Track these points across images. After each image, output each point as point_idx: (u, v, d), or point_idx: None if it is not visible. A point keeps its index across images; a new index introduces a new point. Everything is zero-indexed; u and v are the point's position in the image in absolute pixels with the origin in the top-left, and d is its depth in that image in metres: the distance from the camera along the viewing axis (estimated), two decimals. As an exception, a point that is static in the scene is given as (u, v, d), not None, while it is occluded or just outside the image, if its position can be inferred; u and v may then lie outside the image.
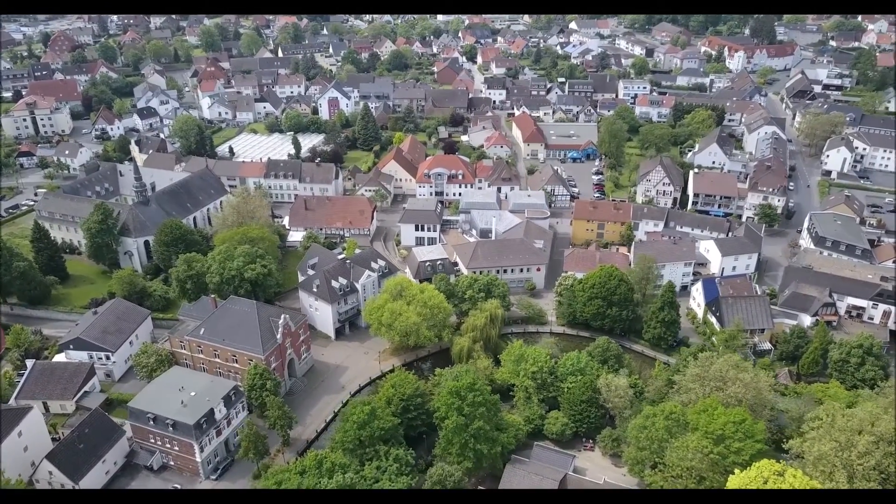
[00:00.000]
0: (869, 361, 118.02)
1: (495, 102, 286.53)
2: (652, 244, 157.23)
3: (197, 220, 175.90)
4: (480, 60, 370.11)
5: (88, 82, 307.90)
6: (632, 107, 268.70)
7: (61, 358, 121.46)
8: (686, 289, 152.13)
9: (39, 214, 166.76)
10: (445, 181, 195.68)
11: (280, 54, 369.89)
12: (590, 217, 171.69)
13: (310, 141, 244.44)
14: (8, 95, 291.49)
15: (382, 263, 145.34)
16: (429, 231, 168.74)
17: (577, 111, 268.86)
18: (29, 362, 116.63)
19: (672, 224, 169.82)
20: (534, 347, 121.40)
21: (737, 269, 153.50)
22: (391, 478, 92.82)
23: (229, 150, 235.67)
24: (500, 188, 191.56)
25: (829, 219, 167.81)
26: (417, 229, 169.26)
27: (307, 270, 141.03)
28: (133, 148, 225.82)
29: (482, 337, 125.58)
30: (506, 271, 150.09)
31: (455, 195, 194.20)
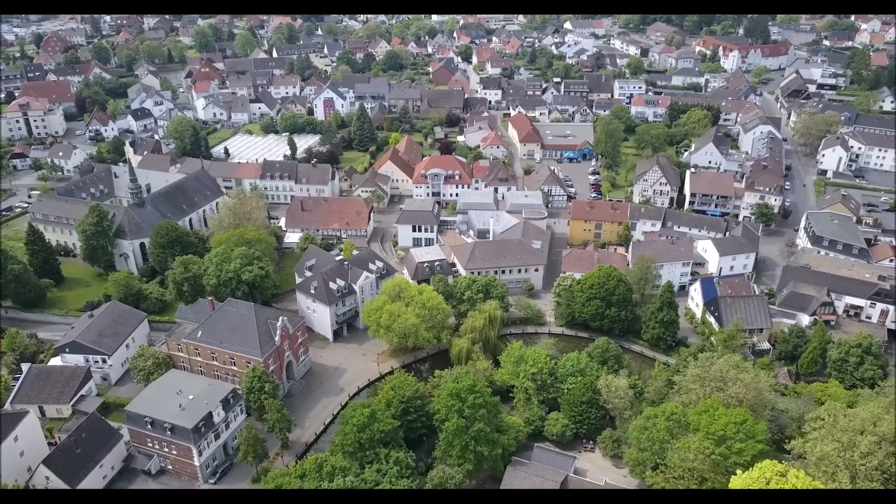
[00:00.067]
0: (868, 361, 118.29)
1: (491, 102, 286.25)
2: (650, 244, 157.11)
3: (193, 222, 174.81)
4: (476, 60, 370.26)
5: (82, 83, 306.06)
6: (627, 106, 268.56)
7: (57, 361, 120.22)
8: (684, 289, 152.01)
9: (34, 217, 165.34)
10: (442, 182, 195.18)
11: (275, 55, 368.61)
12: (587, 217, 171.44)
13: (305, 142, 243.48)
14: (0, 97, 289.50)
15: (380, 265, 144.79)
16: (426, 232, 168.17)
17: (573, 111, 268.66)
18: (24, 366, 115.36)
19: (669, 224, 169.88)
20: (533, 348, 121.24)
21: (734, 269, 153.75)
22: (391, 481, 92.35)
23: (224, 152, 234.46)
24: (497, 188, 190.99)
25: (826, 218, 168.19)
26: (415, 230, 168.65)
27: (305, 272, 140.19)
28: (128, 149, 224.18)
29: (481, 338, 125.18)
30: (504, 272, 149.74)
31: (452, 196, 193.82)
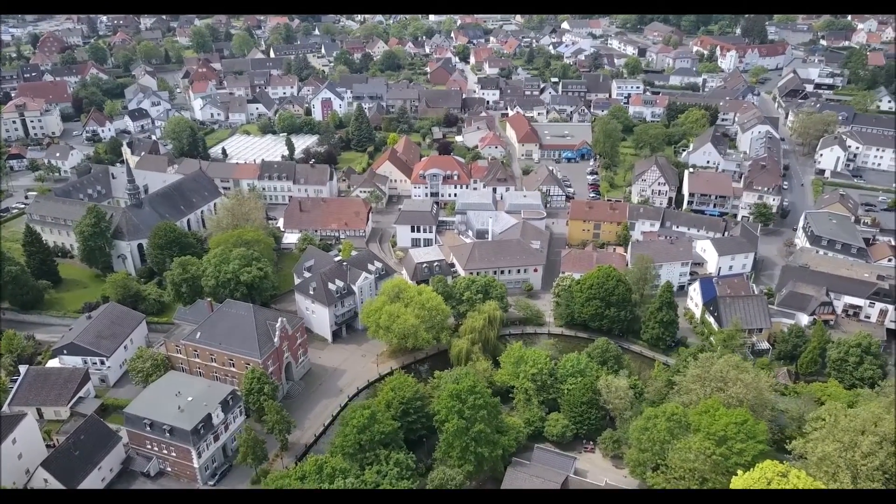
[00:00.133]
0: (867, 360, 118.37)
1: (489, 103, 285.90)
2: (649, 244, 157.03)
3: (191, 223, 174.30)
4: (473, 60, 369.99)
5: (78, 84, 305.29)
6: (625, 106, 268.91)
7: (55, 363, 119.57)
8: (683, 289, 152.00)
9: (31, 218, 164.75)
10: (441, 182, 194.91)
11: (272, 55, 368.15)
12: (586, 217, 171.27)
13: (303, 142, 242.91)
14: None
15: (379, 265, 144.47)
16: (425, 232, 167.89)
17: (571, 111, 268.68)
18: (22, 368, 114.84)
19: (668, 224, 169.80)
20: (533, 349, 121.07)
21: (733, 269, 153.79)
22: (392, 482, 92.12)
23: (222, 152, 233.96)
24: (496, 189, 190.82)
25: (825, 218, 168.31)
26: (413, 230, 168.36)
27: (303, 273, 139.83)
28: (125, 150, 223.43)
29: (481, 339, 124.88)
30: (503, 272, 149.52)
31: (450, 196, 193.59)
